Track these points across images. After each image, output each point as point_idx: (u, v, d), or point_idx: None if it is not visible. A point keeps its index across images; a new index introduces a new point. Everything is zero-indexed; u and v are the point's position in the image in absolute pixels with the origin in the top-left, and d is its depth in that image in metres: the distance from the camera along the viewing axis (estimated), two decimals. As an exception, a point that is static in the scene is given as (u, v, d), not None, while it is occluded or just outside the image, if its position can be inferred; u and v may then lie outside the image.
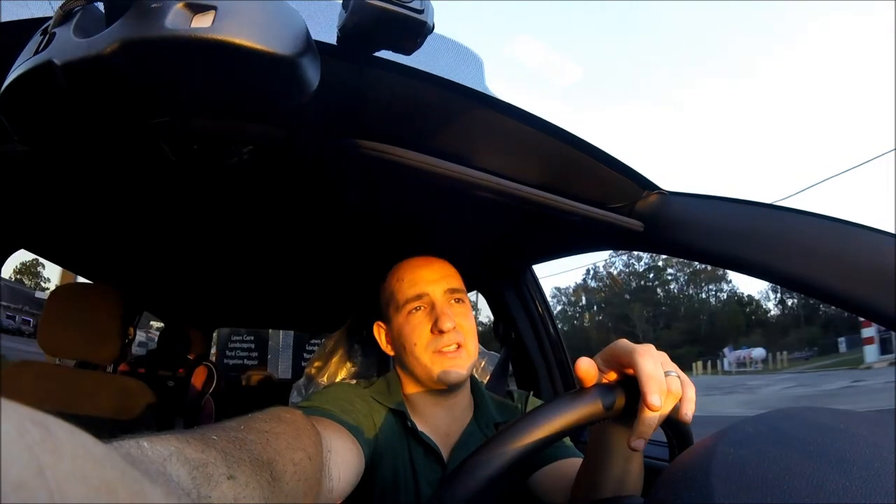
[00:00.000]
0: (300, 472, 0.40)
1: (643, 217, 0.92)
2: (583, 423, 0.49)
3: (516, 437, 0.47)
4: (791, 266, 0.70)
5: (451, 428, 0.87)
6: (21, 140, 0.55)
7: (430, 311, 0.83)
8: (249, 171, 0.87)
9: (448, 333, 0.81)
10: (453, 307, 0.84)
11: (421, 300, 0.84)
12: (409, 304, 0.84)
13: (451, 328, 0.81)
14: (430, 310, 0.83)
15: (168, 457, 0.26)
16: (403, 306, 0.84)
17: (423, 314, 0.83)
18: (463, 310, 0.85)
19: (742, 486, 0.30)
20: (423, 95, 0.71)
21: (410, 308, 0.84)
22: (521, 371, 1.61)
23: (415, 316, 0.84)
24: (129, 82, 0.46)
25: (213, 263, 1.68)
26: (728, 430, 0.37)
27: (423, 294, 0.84)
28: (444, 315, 0.81)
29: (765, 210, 0.77)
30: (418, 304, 0.84)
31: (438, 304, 0.83)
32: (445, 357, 0.81)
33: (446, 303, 0.84)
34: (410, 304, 0.84)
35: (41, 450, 0.13)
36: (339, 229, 1.28)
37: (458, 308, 0.85)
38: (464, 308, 0.86)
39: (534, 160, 0.86)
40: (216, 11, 0.41)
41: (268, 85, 0.49)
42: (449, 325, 0.81)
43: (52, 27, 0.45)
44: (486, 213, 1.03)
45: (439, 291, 0.84)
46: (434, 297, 0.84)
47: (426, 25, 0.52)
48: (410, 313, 0.84)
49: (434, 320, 0.82)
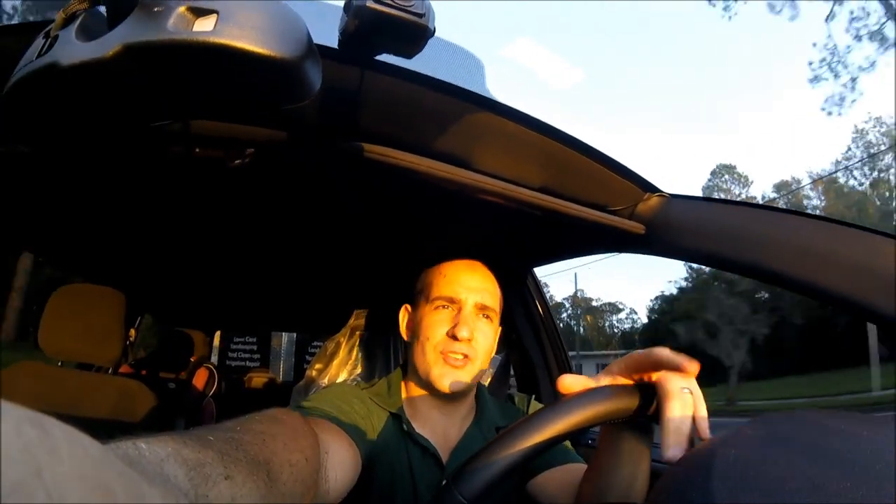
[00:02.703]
0: (297, 473, 0.40)
1: (645, 220, 0.92)
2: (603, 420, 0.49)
3: (521, 437, 0.47)
4: (794, 269, 0.70)
5: (450, 431, 0.87)
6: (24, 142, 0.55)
7: (455, 315, 0.83)
8: (251, 174, 0.88)
9: (461, 342, 0.81)
10: (478, 321, 0.84)
11: (451, 303, 0.84)
12: (438, 301, 0.85)
13: (465, 338, 0.81)
14: (456, 314, 0.84)
15: (165, 457, 0.26)
16: (433, 301, 0.85)
17: (447, 314, 0.84)
18: (486, 327, 0.85)
19: (743, 488, 0.30)
20: (424, 99, 0.71)
21: (438, 305, 0.85)
22: (522, 374, 1.60)
23: (440, 313, 0.84)
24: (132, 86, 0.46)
25: (215, 266, 1.68)
26: (729, 432, 0.37)
27: (456, 298, 0.84)
28: (463, 323, 0.81)
29: (766, 212, 0.77)
30: (447, 304, 0.84)
31: (464, 312, 0.83)
32: (448, 362, 0.81)
33: (473, 314, 0.84)
34: (440, 301, 0.85)
35: (39, 450, 0.13)
36: (340, 232, 1.28)
37: (482, 323, 0.85)
38: (488, 326, 0.86)
39: (535, 163, 0.86)
40: (218, 15, 0.41)
41: (270, 88, 0.49)
42: (464, 335, 0.80)
43: (55, 30, 0.45)
44: (487, 215, 1.04)
45: (471, 302, 0.84)
46: (464, 305, 0.84)
47: (427, 29, 0.52)
48: (437, 309, 0.85)
49: (454, 325, 0.82)
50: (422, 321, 0.85)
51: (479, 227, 1.17)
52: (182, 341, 2.54)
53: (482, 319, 0.85)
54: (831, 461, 0.30)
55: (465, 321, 0.82)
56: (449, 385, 0.81)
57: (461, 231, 1.21)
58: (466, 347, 0.81)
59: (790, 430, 0.35)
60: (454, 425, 0.87)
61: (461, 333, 0.80)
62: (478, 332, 0.83)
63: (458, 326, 0.81)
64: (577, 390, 0.51)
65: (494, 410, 0.92)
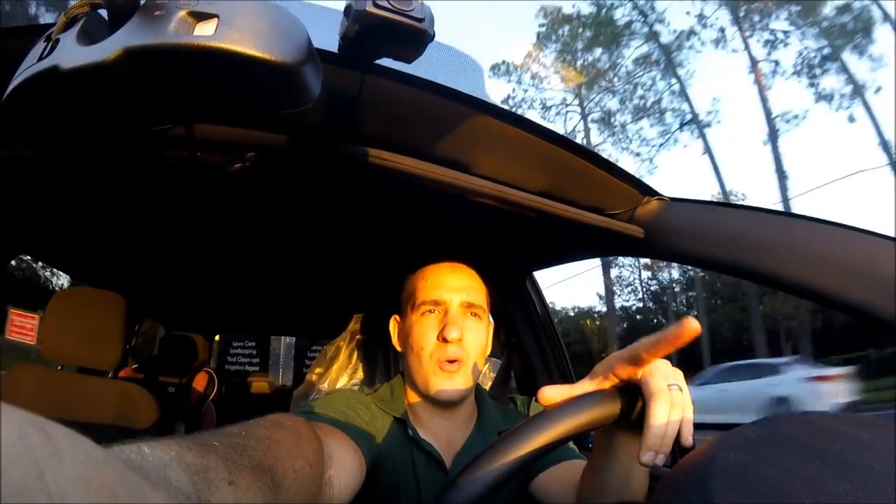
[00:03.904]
0: (300, 479, 0.40)
1: (644, 223, 0.92)
2: (586, 429, 0.49)
3: (517, 442, 0.47)
4: (794, 272, 0.70)
5: (453, 436, 0.86)
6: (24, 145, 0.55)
7: (443, 317, 0.83)
8: (251, 178, 0.88)
9: (452, 344, 0.80)
10: (466, 320, 0.84)
11: (436, 305, 0.84)
12: (424, 306, 0.84)
13: (455, 339, 0.80)
14: (443, 316, 0.83)
15: (168, 462, 0.26)
16: (419, 306, 0.84)
17: (434, 318, 0.83)
18: (476, 326, 0.84)
19: (742, 490, 0.30)
20: (423, 103, 0.71)
21: (425, 310, 0.84)
22: (522, 377, 1.60)
23: (427, 318, 0.84)
24: (132, 89, 0.46)
25: (215, 269, 1.68)
26: (728, 434, 0.37)
27: (440, 300, 0.84)
28: (452, 324, 0.81)
29: (766, 216, 0.77)
30: (433, 308, 0.84)
31: (451, 313, 0.83)
32: (443, 371, 0.81)
33: (460, 314, 0.83)
34: (425, 307, 0.84)
35: (41, 454, 0.13)
36: (340, 236, 1.28)
37: (470, 322, 0.84)
38: (478, 324, 0.85)
39: (534, 166, 0.86)
40: (219, 19, 0.41)
41: (270, 92, 0.49)
42: (454, 336, 0.80)
43: (56, 34, 0.46)
44: (486, 219, 1.04)
45: (457, 301, 0.83)
46: (449, 306, 0.83)
47: (427, 34, 0.52)
48: (424, 314, 0.84)
49: (442, 327, 0.81)
50: (411, 329, 0.85)
51: (479, 230, 1.17)
52: (185, 345, 2.54)
53: (470, 318, 0.84)
54: (830, 463, 0.30)
55: (454, 322, 0.81)
56: (446, 394, 0.80)
57: (460, 235, 1.21)
58: (458, 349, 0.81)
59: (789, 432, 0.35)
60: (457, 430, 0.87)
61: (451, 335, 0.80)
62: (467, 332, 0.82)
63: (446, 328, 0.80)
64: (557, 401, 0.51)
65: (496, 414, 0.91)
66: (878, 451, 0.31)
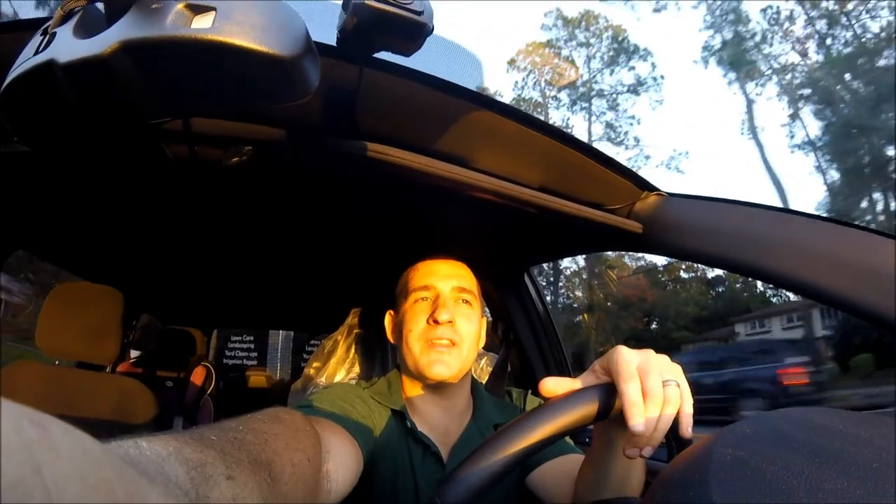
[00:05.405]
0: (298, 473, 0.40)
1: (642, 218, 0.92)
2: (580, 425, 0.49)
3: (514, 437, 0.47)
4: (792, 268, 0.70)
5: (450, 428, 0.87)
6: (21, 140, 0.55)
7: (434, 302, 0.85)
8: (249, 172, 0.88)
9: (442, 326, 0.81)
10: (458, 306, 0.85)
11: (427, 291, 0.86)
12: (415, 293, 0.86)
13: (446, 321, 0.81)
14: (434, 301, 0.85)
15: (166, 457, 0.26)
16: (411, 294, 0.86)
17: (426, 304, 0.85)
18: (467, 311, 0.86)
19: (740, 487, 0.30)
20: (422, 97, 0.71)
21: (417, 297, 0.86)
22: (520, 371, 1.61)
23: (419, 304, 0.85)
24: (130, 83, 0.46)
25: (213, 264, 1.68)
26: (726, 430, 0.37)
27: (431, 286, 0.85)
28: (442, 306, 0.83)
29: (764, 212, 0.77)
30: (424, 294, 0.86)
31: (442, 298, 0.84)
32: (434, 349, 0.81)
33: (450, 299, 0.85)
34: (417, 294, 0.86)
35: (38, 448, 0.13)
36: (338, 229, 1.28)
37: (462, 308, 0.86)
38: (469, 311, 0.86)
39: (532, 161, 0.86)
40: (216, 12, 0.41)
41: (267, 86, 0.49)
42: (445, 318, 0.81)
43: (53, 27, 0.45)
44: (485, 214, 1.04)
45: (447, 287, 0.85)
46: (440, 291, 0.85)
47: (426, 27, 0.52)
48: (416, 302, 0.86)
49: (433, 310, 0.83)
50: (404, 317, 0.86)
51: (477, 225, 1.16)
52: (183, 340, 2.53)
53: (462, 304, 0.86)
54: (829, 460, 0.30)
55: (445, 304, 0.83)
56: (438, 371, 0.81)
57: (459, 229, 1.21)
58: (450, 331, 0.82)
59: (787, 429, 0.35)
60: (453, 422, 0.88)
61: (442, 317, 0.81)
62: (459, 317, 0.84)
63: (437, 310, 0.82)
64: (559, 393, 0.51)
65: (491, 408, 0.92)
66: (877, 448, 0.31)
